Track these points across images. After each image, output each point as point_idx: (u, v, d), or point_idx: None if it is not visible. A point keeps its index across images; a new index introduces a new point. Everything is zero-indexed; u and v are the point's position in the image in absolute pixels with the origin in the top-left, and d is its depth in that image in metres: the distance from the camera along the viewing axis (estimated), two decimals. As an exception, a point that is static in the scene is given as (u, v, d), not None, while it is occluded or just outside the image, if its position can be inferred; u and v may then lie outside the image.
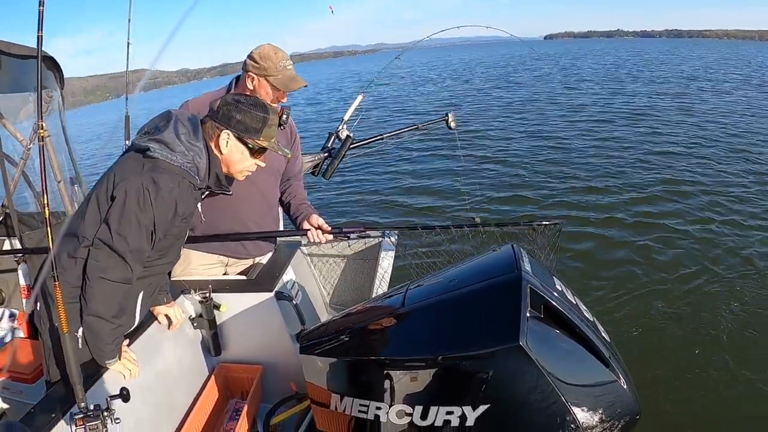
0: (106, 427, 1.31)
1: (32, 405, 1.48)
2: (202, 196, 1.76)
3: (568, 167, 8.58)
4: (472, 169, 8.75)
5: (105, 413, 1.32)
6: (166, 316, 1.92)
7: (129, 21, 3.21)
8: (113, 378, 1.59)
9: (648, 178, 7.54)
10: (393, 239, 2.92)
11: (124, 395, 1.42)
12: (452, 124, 3.22)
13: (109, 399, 1.37)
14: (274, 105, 1.90)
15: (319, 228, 2.20)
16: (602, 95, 16.69)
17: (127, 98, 3.26)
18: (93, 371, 1.58)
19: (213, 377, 2.12)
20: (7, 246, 2.81)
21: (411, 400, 1.22)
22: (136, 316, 1.73)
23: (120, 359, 1.59)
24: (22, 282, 2.72)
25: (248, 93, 1.99)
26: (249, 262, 2.36)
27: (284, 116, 2.02)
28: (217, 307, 2.06)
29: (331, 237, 2.26)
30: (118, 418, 1.35)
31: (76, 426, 1.29)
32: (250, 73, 2.00)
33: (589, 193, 7.01)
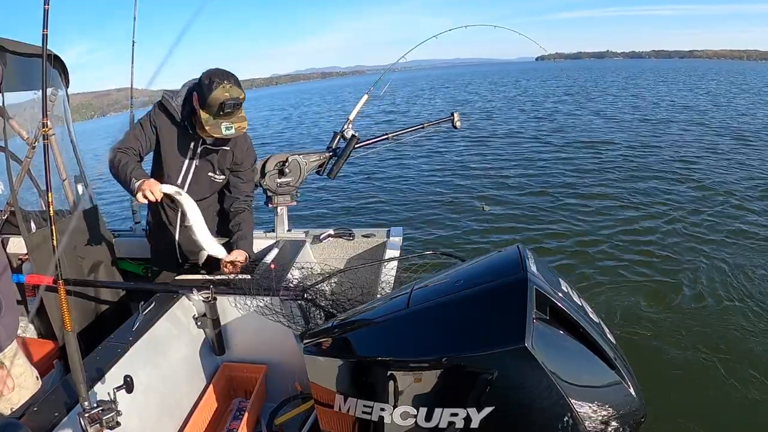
0: (109, 425, 1.31)
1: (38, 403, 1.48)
2: None
3: (579, 165, 8.61)
4: (478, 167, 8.76)
5: (109, 411, 1.31)
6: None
7: (134, 19, 3.21)
8: (116, 375, 1.59)
9: (655, 181, 7.55)
10: (398, 239, 2.91)
11: (128, 383, 1.41)
12: (458, 124, 3.20)
13: (113, 391, 1.37)
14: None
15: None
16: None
17: (132, 97, 3.26)
18: (97, 369, 1.58)
19: (217, 376, 2.12)
20: (11, 244, 2.82)
21: (415, 401, 1.21)
22: None
23: None
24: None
25: None
26: None
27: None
28: None
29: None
30: (120, 412, 1.34)
31: (80, 424, 1.29)
32: None
33: (594, 195, 7.01)
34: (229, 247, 2.33)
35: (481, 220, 6.15)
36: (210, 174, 2.33)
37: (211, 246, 2.18)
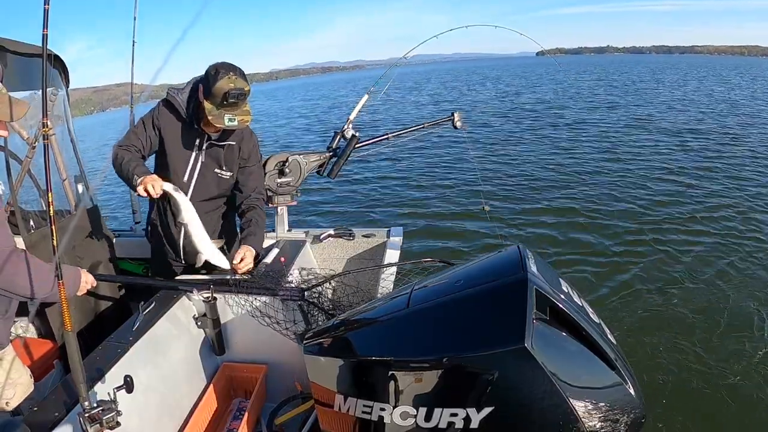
0: (109, 424, 1.30)
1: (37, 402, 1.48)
2: None
3: (578, 166, 8.60)
4: (479, 166, 8.76)
5: (109, 411, 1.31)
6: None
7: (134, 19, 3.21)
8: (116, 375, 1.59)
9: (657, 181, 7.54)
10: (398, 239, 2.91)
11: (128, 383, 1.41)
12: (458, 124, 3.19)
13: (113, 391, 1.36)
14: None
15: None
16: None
17: (132, 96, 3.26)
18: (97, 369, 1.58)
19: (217, 376, 2.12)
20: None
21: (415, 401, 1.21)
22: None
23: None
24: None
25: None
26: None
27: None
28: None
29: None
30: (120, 412, 1.34)
31: (80, 424, 1.29)
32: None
33: (596, 195, 7.01)
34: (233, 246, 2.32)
35: (482, 219, 6.15)
36: (217, 171, 2.31)
37: (212, 253, 2.14)
